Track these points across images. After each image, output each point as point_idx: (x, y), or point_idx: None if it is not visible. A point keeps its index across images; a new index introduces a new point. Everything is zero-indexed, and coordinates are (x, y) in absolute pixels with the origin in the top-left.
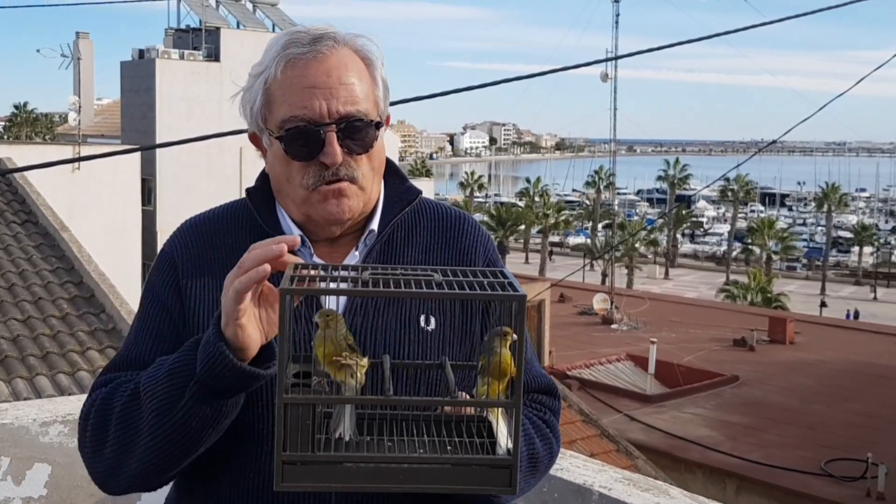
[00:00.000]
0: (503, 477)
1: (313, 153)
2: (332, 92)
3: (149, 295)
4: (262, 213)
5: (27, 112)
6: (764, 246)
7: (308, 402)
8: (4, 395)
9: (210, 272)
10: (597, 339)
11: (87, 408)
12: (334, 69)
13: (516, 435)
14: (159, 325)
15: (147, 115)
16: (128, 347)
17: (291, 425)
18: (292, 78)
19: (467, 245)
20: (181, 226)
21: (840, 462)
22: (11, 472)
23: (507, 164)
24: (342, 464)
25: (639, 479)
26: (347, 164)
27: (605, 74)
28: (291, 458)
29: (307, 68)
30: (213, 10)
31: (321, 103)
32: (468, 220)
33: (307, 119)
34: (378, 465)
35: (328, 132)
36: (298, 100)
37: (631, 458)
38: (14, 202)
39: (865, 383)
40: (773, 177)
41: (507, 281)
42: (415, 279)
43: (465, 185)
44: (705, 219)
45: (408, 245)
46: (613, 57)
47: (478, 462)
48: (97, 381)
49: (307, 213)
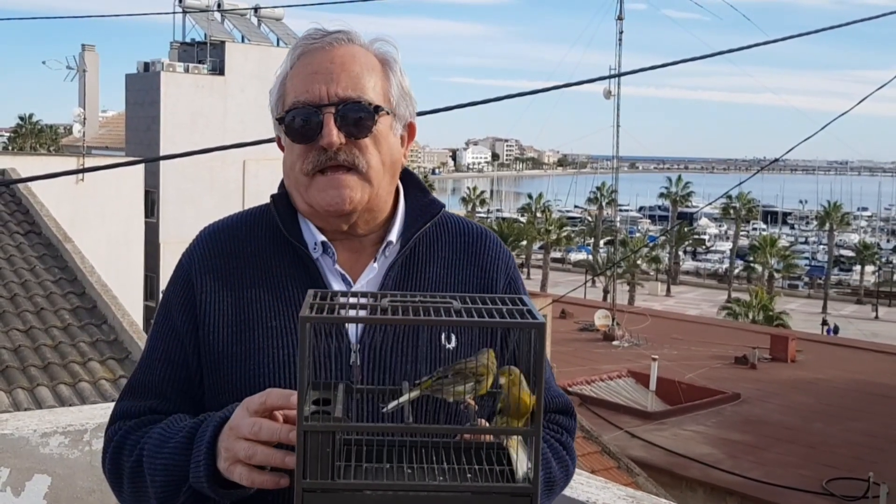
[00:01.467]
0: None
1: (312, 135)
2: (333, 76)
3: (163, 311)
4: (285, 220)
5: (32, 123)
6: (766, 264)
7: (328, 430)
8: (5, 406)
9: (228, 283)
10: (598, 355)
11: (105, 443)
12: (338, 57)
13: (536, 463)
14: (168, 348)
15: (151, 128)
16: (140, 370)
17: (311, 453)
18: (300, 67)
19: (489, 262)
20: (199, 235)
21: (841, 481)
22: (11, 483)
23: (509, 180)
24: (363, 491)
25: (643, 497)
26: (348, 149)
27: (608, 91)
28: (312, 486)
29: (314, 57)
30: (218, 24)
31: (321, 87)
32: (490, 236)
33: (307, 102)
34: (398, 492)
35: (325, 113)
36: (302, 85)
37: (632, 475)
38: (18, 213)
39: (867, 402)
40: (775, 195)
41: (525, 308)
42: (433, 307)
43: (468, 200)
44: (707, 236)
45: (430, 260)
46: (617, 74)
47: (498, 490)
48: (115, 409)
49: (309, 201)
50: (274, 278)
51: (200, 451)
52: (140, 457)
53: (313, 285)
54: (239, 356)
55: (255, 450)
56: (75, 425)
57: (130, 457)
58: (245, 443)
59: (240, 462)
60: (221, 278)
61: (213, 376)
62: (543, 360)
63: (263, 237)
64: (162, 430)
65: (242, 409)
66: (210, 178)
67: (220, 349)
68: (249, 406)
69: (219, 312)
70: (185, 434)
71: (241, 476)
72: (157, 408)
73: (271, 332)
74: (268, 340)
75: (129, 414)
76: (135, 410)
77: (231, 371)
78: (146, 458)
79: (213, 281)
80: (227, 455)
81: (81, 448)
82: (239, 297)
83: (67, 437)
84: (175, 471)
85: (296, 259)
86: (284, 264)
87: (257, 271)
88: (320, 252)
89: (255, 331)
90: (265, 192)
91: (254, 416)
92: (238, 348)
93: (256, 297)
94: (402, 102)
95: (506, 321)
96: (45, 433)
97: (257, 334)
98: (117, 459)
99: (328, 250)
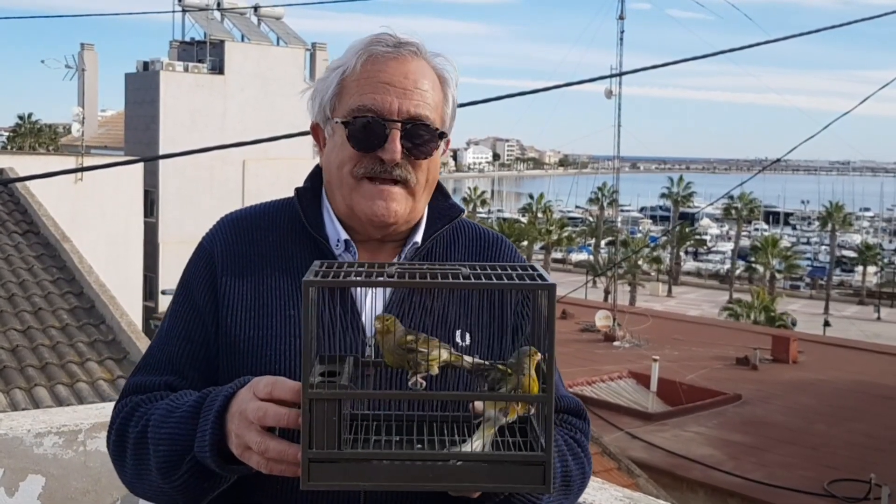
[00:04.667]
0: (537, 474)
1: (374, 145)
2: (406, 93)
3: (182, 291)
4: (308, 213)
5: (31, 123)
6: (767, 264)
7: (333, 398)
8: (2, 406)
9: (249, 269)
10: (599, 356)
11: (113, 417)
12: (412, 73)
13: (548, 431)
14: (189, 326)
15: (150, 127)
16: (158, 346)
17: (317, 423)
18: (371, 72)
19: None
20: (221, 220)
21: (843, 483)
22: (5, 484)
23: (510, 180)
24: (370, 461)
25: (640, 498)
26: (404, 165)
27: (609, 91)
28: (318, 455)
29: (386, 65)
30: (217, 23)
31: (392, 100)
32: (506, 242)
33: (376, 111)
34: (406, 462)
35: (393, 129)
36: (371, 91)
37: (632, 476)
38: (16, 212)
39: (869, 403)
40: (777, 195)
41: (536, 273)
42: (442, 273)
43: (468, 200)
44: (709, 237)
45: (446, 261)
46: (618, 73)
47: (510, 459)
48: (128, 382)
49: (351, 204)
50: (294, 269)
51: (207, 423)
52: (146, 426)
53: None
54: (256, 342)
55: (268, 445)
56: (69, 425)
57: (136, 427)
58: (256, 435)
59: (253, 451)
60: (242, 263)
61: (228, 359)
62: (554, 323)
63: (286, 228)
64: (170, 401)
65: (249, 390)
66: (209, 177)
67: (237, 333)
68: (256, 390)
69: (238, 297)
70: (191, 404)
71: (258, 464)
72: (173, 384)
73: (290, 320)
74: (286, 328)
75: (142, 387)
76: (150, 384)
77: (247, 356)
78: (151, 427)
79: (235, 265)
80: (238, 441)
81: (76, 448)
82: (259, 284)
83: (62, 438)
84: (179, 440)
85: (317, 253)
86: (305, 256)
87: (278, 261)
88: (342, 249)
89: (273, 318)
90: (265, 192)
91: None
92: (255, 333)
93: (276, 284)
94: (452, 122)
95: (517, 283)
96: (39, 433)
97: (275, 321)
98: (123, 431)
99: (350, 248)
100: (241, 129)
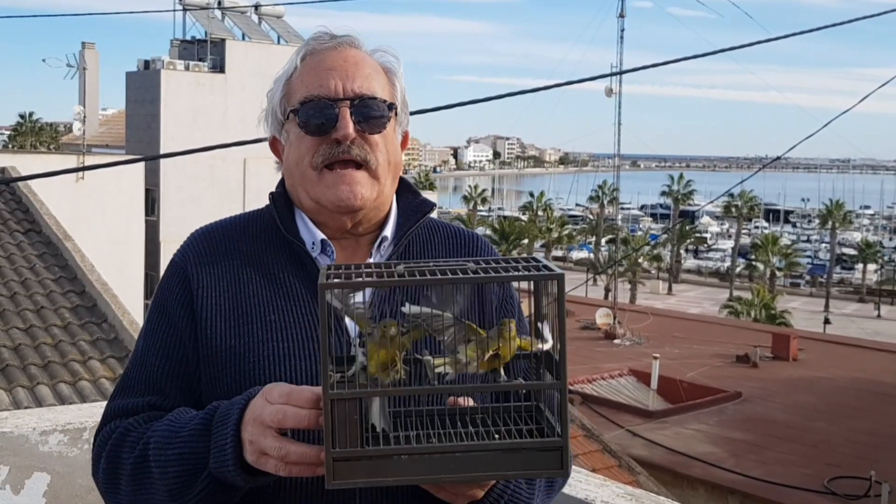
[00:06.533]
0: (554, 459)
1: (326, 127)
2: (348, 74)
3: (157, 309)
4: (283, 218)
5: (32, 121)
6: (768, 262)
7: (354, 397)
8: (5, 404)
9: (225, 279)
10: (599, 353)
11: (99, 444)
12: (352, 58)
13: (564, 415)
14: (166, 344)
15: (152, 126)
16: (135, 367)
17: (339, 422)
18: (311, 64)
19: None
20: (192, 235)
21: (843, 480)
22: (10, 481)
23: (510, 178)
24: (393, 457)
25: (641, 495)
26: (360, 144)
27: (609, 89)
28: (341, 454)
29: (325, 55)
30: (218, 21)
31: (337, 82)
32: (482, 238)
33: (323, 95)
34: (428, 455)
35: (342, 107)
36: (315, 80)
37: (633, 473)
38: (18, 211)
39: (869, 401)
40: (777, 193)
41: (541, 264)
42: (450, 269)
43: (469, 198)
44: (709, 234)
45: (423, 258)
46: (618, 72)
47: (528, 446)
48: (109, 407)
49: (316, 197)
50: (271, 274)
51: (226, 437)
52: (146, 451)
53: (311, 281)
54: (238, 350)
55: (288, 448)
56: (74, 423)
57: (132, 453)
58: (273, 440)
59: (270, 456)
60: (218, 274)
61: (210, 371)
62: (564, 310)
63: (259, 236)
64: (170, 422)
65: (262, 398)
66: (211, 176)
67: (218, 343)
68: (270, 397)
69: (217, 307)
70: (199, 421)
71: (276, 468)
72: (156, 404)
73: (270, 325)
74: (267, 334)
75: (125, 411)
76: (132, 407)
77: (230, 365)
78: (154, 450)
79: (210, 276)
80: (252, 448)
81: (80, 446)
82: (236, 292)
83: (66, 436)
84: (191, 458)
85: (293, 256)
86: (282, 261)
87: (254, 268)
88: (319, 251)
89: (253, 324)
90: (266, 191)
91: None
92: (237, 342)
93: (254, 291)
94: (403, 109)
95: (527, 275)
96: (44, 431)
97: (255, 328)
98: (115, 458)
99: (326, 249)
100: (241, 127)
